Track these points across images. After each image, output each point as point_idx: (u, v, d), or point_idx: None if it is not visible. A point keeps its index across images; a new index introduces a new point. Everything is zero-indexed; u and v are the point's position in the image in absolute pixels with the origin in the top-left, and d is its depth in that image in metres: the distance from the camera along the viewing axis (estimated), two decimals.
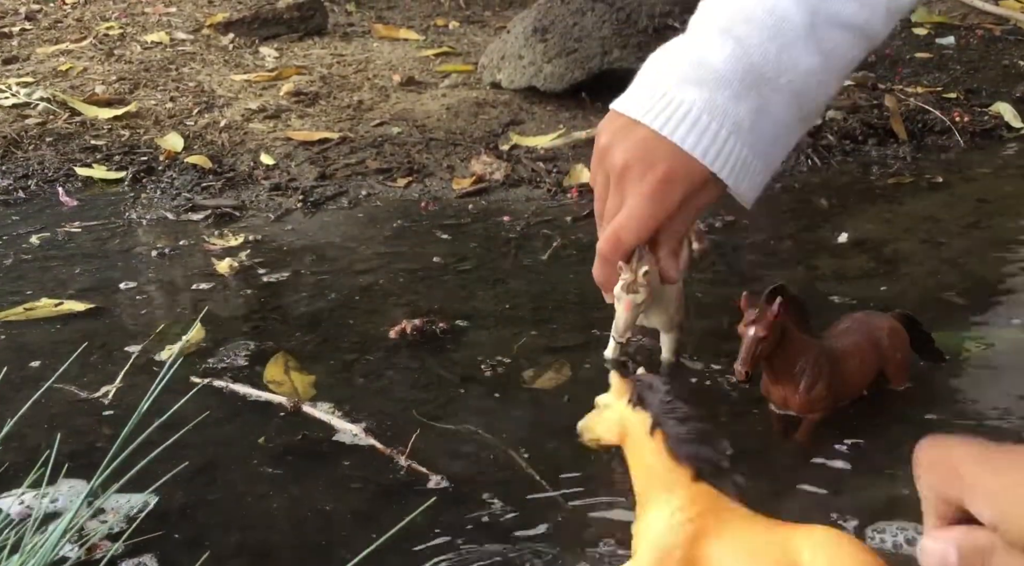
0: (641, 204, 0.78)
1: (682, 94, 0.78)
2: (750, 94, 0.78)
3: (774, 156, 0.82)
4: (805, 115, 0.82)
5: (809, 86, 0.80)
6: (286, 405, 0.86)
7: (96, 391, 0.89)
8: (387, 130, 1.60)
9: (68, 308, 1.05)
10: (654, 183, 0.78)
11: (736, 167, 0.79)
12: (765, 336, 0.77)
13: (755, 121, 0.78)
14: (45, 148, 1.56)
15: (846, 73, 0.84)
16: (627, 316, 0.81)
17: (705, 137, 0.77)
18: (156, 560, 0.68)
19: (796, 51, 0.78)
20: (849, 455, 0.78)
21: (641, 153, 0.79)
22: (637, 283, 0.80)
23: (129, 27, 2.26)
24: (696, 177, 0.78)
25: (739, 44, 0.78)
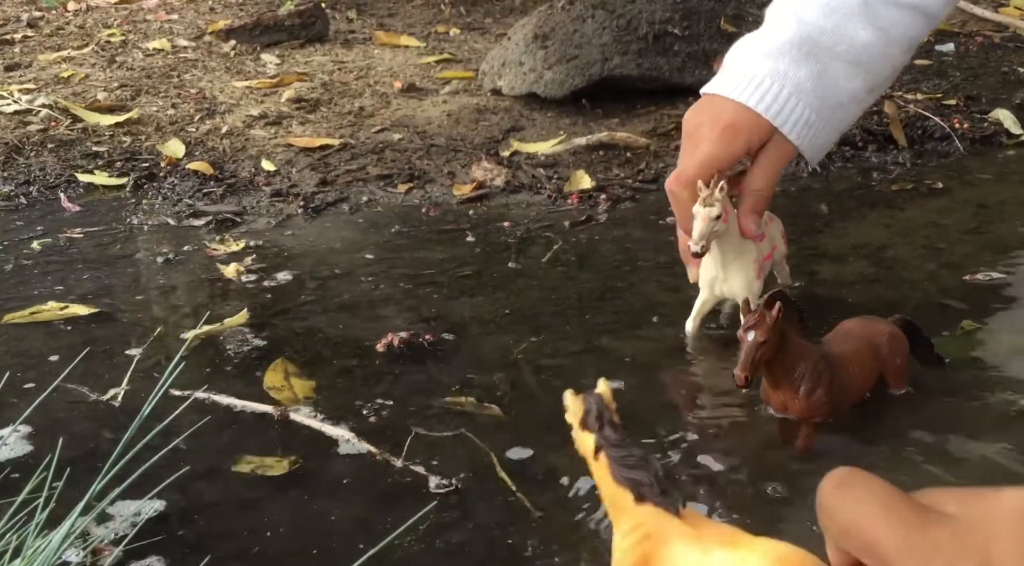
0: (707, 146, 0.88)
1: (750, 66, 0.89)
2: (808, 60, 0.88)
3: (840, 120, 0.92)
4: (871, 87, 0.91)
5: (871, 58, 0.89)
6: (273, 414, 0.85)
7: (102, 394, 0.89)
8: (388, 136, 1.60)
9: (73, 311, 1.05)
10: (719, 129, 0.88)
11: (799, 124, 0.88)
12: (764, 341, 0.77)
13: (816, 84, 0.88)
14: (47, 154, 1.56)
15: (910, 48, 0.93)
16: (703, 226, 0.86)
17: (767, 96, 0.87)
18: (158, 564, 0.68)
19: (851, 25, 0.88)
20: (849, 460, 0.77)
21: (712, 112, 0.89)
22: (713, 197, 0.86)
23: (131, 34, 2.27)
24: (757, 130, 0.88)
25: (799, 21, 0.88)
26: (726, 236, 0.89)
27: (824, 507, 0.34)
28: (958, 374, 0.89)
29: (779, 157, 0.90)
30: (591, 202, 1.34)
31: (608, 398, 0.59)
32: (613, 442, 0.57)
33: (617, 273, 1.12)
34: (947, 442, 0.80)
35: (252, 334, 1.00)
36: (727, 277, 0.92)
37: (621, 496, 0.56)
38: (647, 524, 0.56)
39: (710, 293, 0.95)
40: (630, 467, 0.56)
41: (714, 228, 0.87)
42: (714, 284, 0.93)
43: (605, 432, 0.57)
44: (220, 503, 0.75)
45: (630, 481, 0.56)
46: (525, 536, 0.71)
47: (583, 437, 0.59)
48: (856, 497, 0.33)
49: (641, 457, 0.56)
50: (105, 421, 0.85)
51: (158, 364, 0.94)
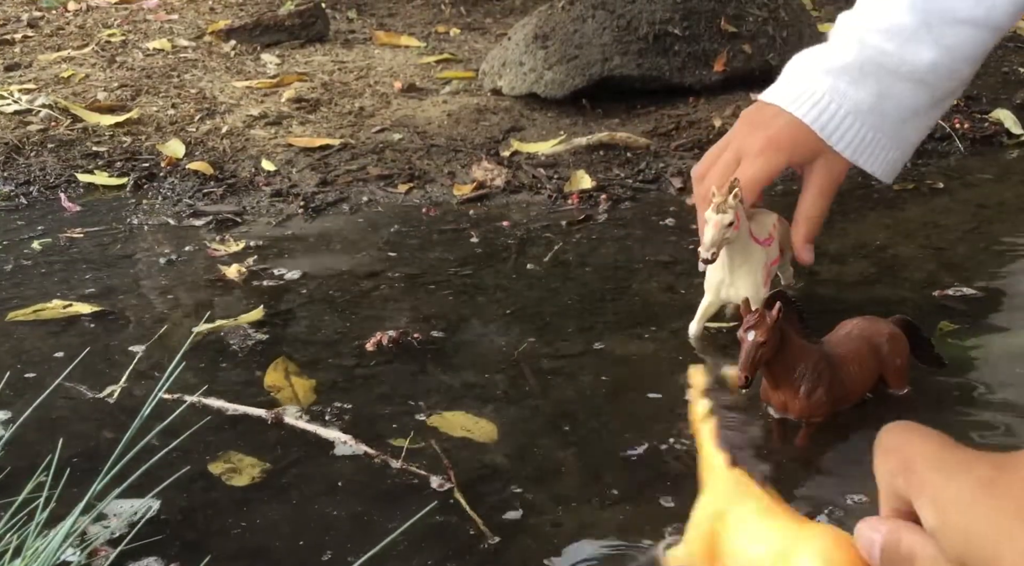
0: (751, 161, 0.89)
1: (811, 82, 0.89)
2: (868, 81, 0.88)
3: (907, 135, 0.92)
4: (938, 99, 0.90)
5: (937, 76, 0.88)
6: (266, 418, 0.85)
7: (99, 392, 0.89)
8: (388, 136, 1.60)
9: (76, 310, 1.05)
10: (762, 141, 0.89)
11: (854, 142, 0.89)
12: (764, 341, 0.77)
13: (876, 103, 0.88)
14: (47, 154, 1.56)
15: (978, 61, 0.91)
16: (714, 232, 0.86)
17: (824, 114, 0.88)
18: (157, 564, 0.68)
19: (913, 47, 0.87)
20: (849, 460, 0.78)
21: (762, 120, 0.91)
22: (726, 204, 0.86)
23: (131, 34, 2.27)
24: (805, 147, 0.89)
25: (861, 44, 0.89)
26: (736, 242, 0.89)
27: (876, 444, 0.38)
28: (958, 374, 0.89)
29: (830, 178, 0.91)
30: (591, 202, 1.34)
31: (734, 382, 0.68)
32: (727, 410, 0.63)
33: (617, 273, 1.12)
34: None
35: (253, 333, 1.00)
36: (733, 281, 0.92)
37: (717, 459, 0.60)
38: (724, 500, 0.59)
39: (715, 296, 0.94)
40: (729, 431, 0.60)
41: (726, 236, 0.87)
42: (720, 288, 0.93)
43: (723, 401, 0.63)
44: (220, 503, 0.75)
45: (729, 444, 0.60)
46: (524, 536, 0.71)
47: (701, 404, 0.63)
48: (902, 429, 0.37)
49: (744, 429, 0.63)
50: (105, 421, 0.85)
51: (158, 364, 0.94)
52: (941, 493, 0.34)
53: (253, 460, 0.80)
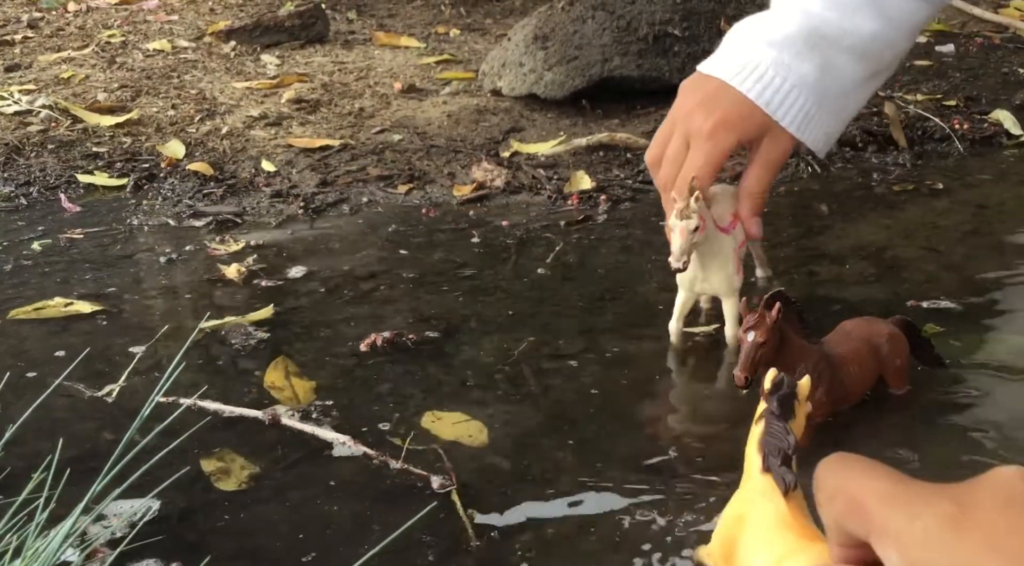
0: (700, 145, 0.87)
1: (754, 54, 0.88)
2: (813, 53, 0.87)
3: (845, 109, 0.91)
4: (875, 72, 0.90)
5: (875, 47, 0.88)
6: (263, 419, 0.85)
7: (97, 391, 0.89)
8: (388, 137, 1.60)
9: (77, 309, 1.05)
10: (713, 125, 0.87)
11: (799, 117, 0.87)
12: (764, 341, 0.77)
13: (820, 77, 0.87)
14: (47, 155, 1.56)
15: (914, 34, 0.92)
16: (682, 241, 0.85)
17: (769, 89, 0.86)
18: (157, 564, 0.68)
19: (857, 17, 0.87)
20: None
21: (707, 100, 0.88)
22: (690, 209, 0.84)
23: (131, 35, 2.27)
24: (752, 124, 0.87)
25: (804, 12, 0.87)
26: (704, 239, 0.88)
27: (816, 483, 0.35)
28: (958, 375, 0.89)
29: (776, 153, 0.89)
30: (591, 202, 1.34)
31: (804, 390, 0.66)
32: (776, 415, 0.63)
33: (617, 273, 1.12)
34: (946, 443, 0.81)
35: (253, 333, 1.00)
36: (707, 276, 0.91)
37: (754, 460, 0.62)
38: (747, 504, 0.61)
39: (690, 292, 0.94)
40: (771, 436, 0.62)
41: (693, 240, 0.86)
42: (694, 283, 0.92)
43: (776, 404, 0.63)
44: (220, 503, 0.75)
45: (763, 447, 0.62)
46: (525, 537, 0.71)
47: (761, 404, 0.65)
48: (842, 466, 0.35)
49: (786, 435, 0.62)
50: (105, 421, 0.85)
51: (158, 364, 0.94)
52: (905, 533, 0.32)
53: (250, 461, 0.80)
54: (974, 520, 0.30)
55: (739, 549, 0.61)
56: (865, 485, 0.34)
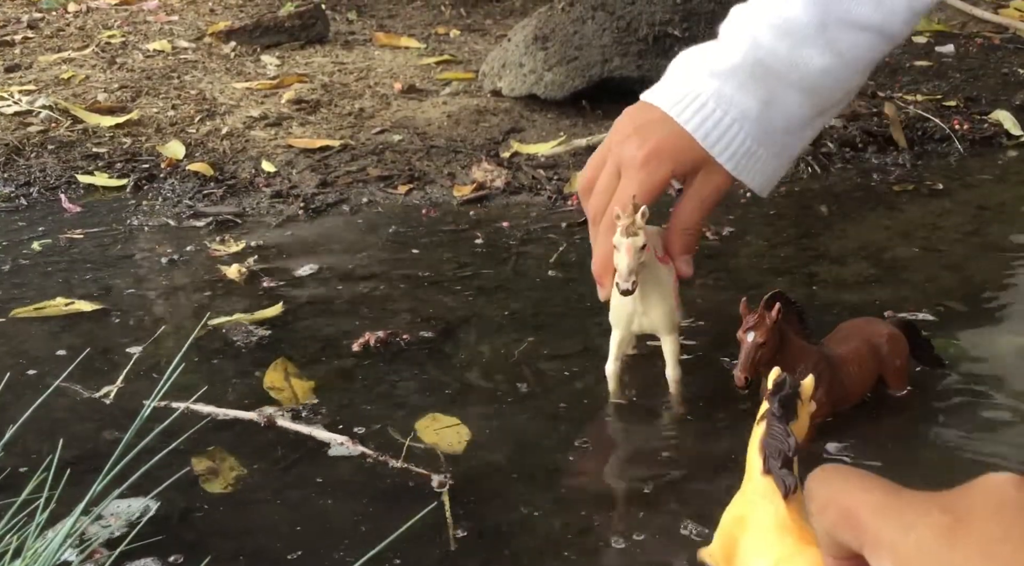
0: (632, 175, 0.82)
1: (696, 84, 0.83)
2: (757, 86, 0.82)
3: (787, 148, 0.86)
4: (822, 110, 0.86)
5: (824, 84, 0.83)
6: (258, 421, 0.84)
7: (95, 392, 0.89)
8: (388, 138, 1.60)
9: (78, 307, 1.06)
10: (645, 154, 0.81)
11: (738, 153, 0.82)
12: (764, 342, 0.77)
13: (763, 112, 0.82)
14: (47, 155, 1.56)
15: (867, 71, 0.87)
16: (628, 259, 0.77)
17: (708, 121, 0.81)
18: (156, 565, 0.68)
19: (807, 51, 0.81)
20: (848, 460, 0.78)
21: (642, 128, 0.83)
22: (635, 225, 0.77)
23: (131, 35, 2.27)
24: (687, 156, 0.82)
25: (752, 43, 0.82)
26: (644, 267, 0.80)
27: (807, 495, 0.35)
28: (957, 375, 0.89)
29: (710, 190, 0.84)
30: None
31: (807, 390, 0.65)
32: (778, 416, 0.62)
33: None
34: (946, 444, 0.81)
35: (252, 334, 1.00)
36: (646, 310, 0.82)
37: (755, 462, 0.62)
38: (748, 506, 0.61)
39: (627, 330, 0.85)
40: (772, 438, 0.62)
41: (640, 259, 0.78)
42: (633, 319, 0.83)
43: (778, 405, 0.63)
44: (219, 504, 0.75)
45: (764, 449, 0.62)
46: (525, 536, 0.71)
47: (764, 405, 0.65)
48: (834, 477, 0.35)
49: (787, 436, 0.62)
50: (105, 422, 0.85)
51: (158, 364, 0.94)
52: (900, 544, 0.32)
53: (249, 461, 0.80)
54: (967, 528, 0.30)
55: (739, 550, 0.61)
56: (857, 497, 0.34)
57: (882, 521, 0.33)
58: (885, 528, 0.32)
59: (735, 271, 1.11)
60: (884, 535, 0.32)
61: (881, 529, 0.32)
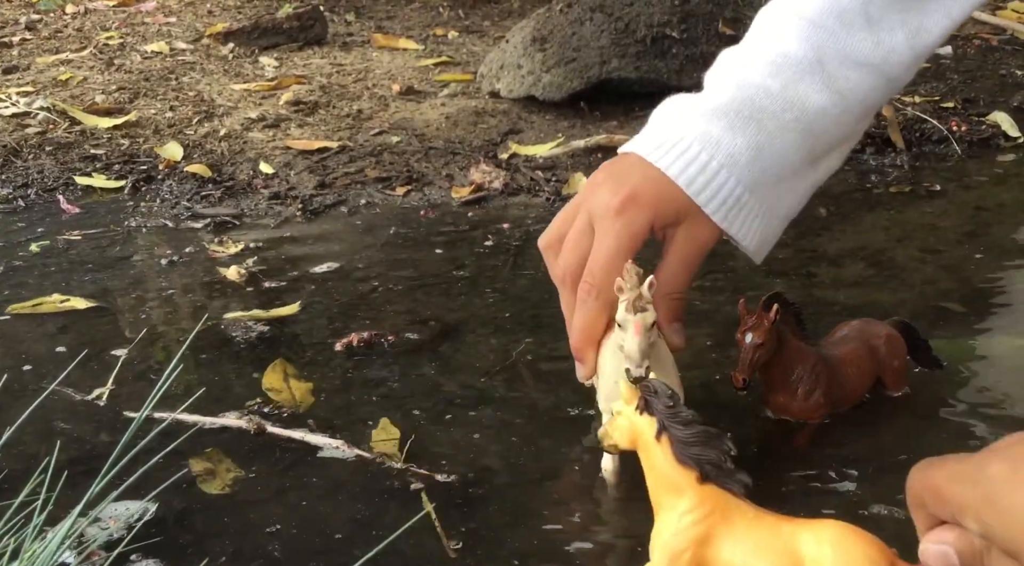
0: (607, 227, 0.72)
1: (678, 127, 0.75)
2: (748, 126, 0.74)
3: (780, 200, 0.77)
4: (816, 158, 0.78)
5: (823, 126, 0.76)
6: (248, 428, 0.82)
7: (87, 395, 0.89)
8: (386, 139, 1.60)
9: (73, 305, 1.06)
10: (621, 201, 0.72)
11: (727, 202, 0.73)
12: (762, 343, 0.77)
13: (754, 157, 0.74)
14: (45, 157, 1.56)
15: (866, 116, 0.80)
16: (640, 340, 0.66)
17: (693, 166, 0.73)
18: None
19: (803, 87, 0.75)
20: (847, 461, 0.78)
21: (616, 175, 0.75)
22: (643, 299, 0.66)
23: (129, 37, 2.27)
24: (669, 205, 0.73)
25: (741, 81, 0.75)
26: None
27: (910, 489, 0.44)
28: (956, 376, 0.89)
29: (695, 247, 0.75)
30: None
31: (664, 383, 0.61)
32: (681, 420, 0.58)
33: None
34: (945, 444, 0.81)
35: (250, 335, 1.00)
36: None
37: (682, 476, 0.58)
38: (708, 502, 0.57)
39: None
40: (697, 444, 0.58)
41: (651, 339, 0.67)
42: None
43: (672, 412, 0.58)
44: (217, 505, 0.75)
45: (696, 459, 0.57)
46: (523, 538, 0.71)
47: (638, 421, 0.60)
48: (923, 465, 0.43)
49: (714, 435, 0.58)
50: (103, 423, 0.85)
51: (156, 365, 0.94)
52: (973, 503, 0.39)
53: (247, 463, 0.80)
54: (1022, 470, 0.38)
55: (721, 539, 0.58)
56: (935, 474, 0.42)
57: (958, 487, 0.40)
58: (961, 493, 0.40)
59: (733, 272, 1.11)
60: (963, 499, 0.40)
61: (958, 495, 0.40)
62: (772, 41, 0.76)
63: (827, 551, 0.54)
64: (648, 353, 0.66)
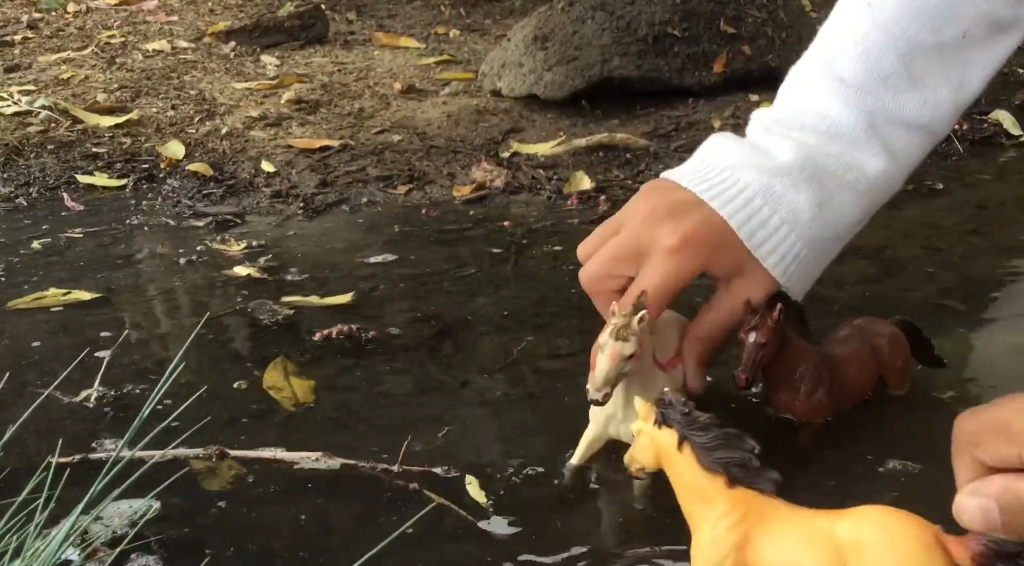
0: (658, 262, 0.71)
1: (737, 172, 0.73)
2: (811, 185, 0.74)
3: (830, 253, 0.79)
4: (870, 213, 0.79)
5: (880, 186, 0.77)
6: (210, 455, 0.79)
7: (93, 392, 0.89)
8: (388, 138, 1.60)
9: (75, 297, 1.06)
10: (680, 240, 0.71)
11: (787, 258, 0.74)
12: (765, 342, 0.77)
13: (816, 214, 0.74)
14: (47, 156, 1.56)
15: (913, 168, 0.81)
16: (609, 367, 0.66)
17: (755, 218, 0.72)
18: (156, 565, 0.68)
19: (860, 153, 0.75)
20: (850, 460, 0.78)
21: (676, 209, 0.72)
22: (629, 330, 0.67)
23: (131, 35, 2.27)
24: (726, 255, 0.72)
25: (800, 143, 0.75)
26: (634, 373, 0.70)
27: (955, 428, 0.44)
28: (958, 375, 0.89)
29: (744, 298, 0.74)
30: (591, 203, 1.34)
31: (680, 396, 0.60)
32: (700, 426, 0.57)
33: None
34: (947, 443, 0.80)
35: (251, 334, 1.00)
36: (627, 417, 0.71)
37: (711, 483, 0.57)
38: (741, 505, 0.56)
39: (603, 430, 0.74)
40: (721, 448, 0.57)
41: (623, 369, 0.68)
42: (609, 423, 0.73)
43: (689, 419, 0.58)
44: (219, 504, 0.75)
45: (722, 462, 0.56)
46: (523, 538, 0.71)
47: (659, 436, 0.59)
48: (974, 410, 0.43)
49: (735, 436, 0.57)
50: (104, 421, 0.85)
51: (157, 364, 0.94)
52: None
53: (248, 461, 0.80)
54: None
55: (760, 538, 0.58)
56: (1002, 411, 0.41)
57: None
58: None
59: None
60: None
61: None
62: (821, 109, 0.76)
63: (866, 533, 0.53)
64: (613, 381, 0.68)
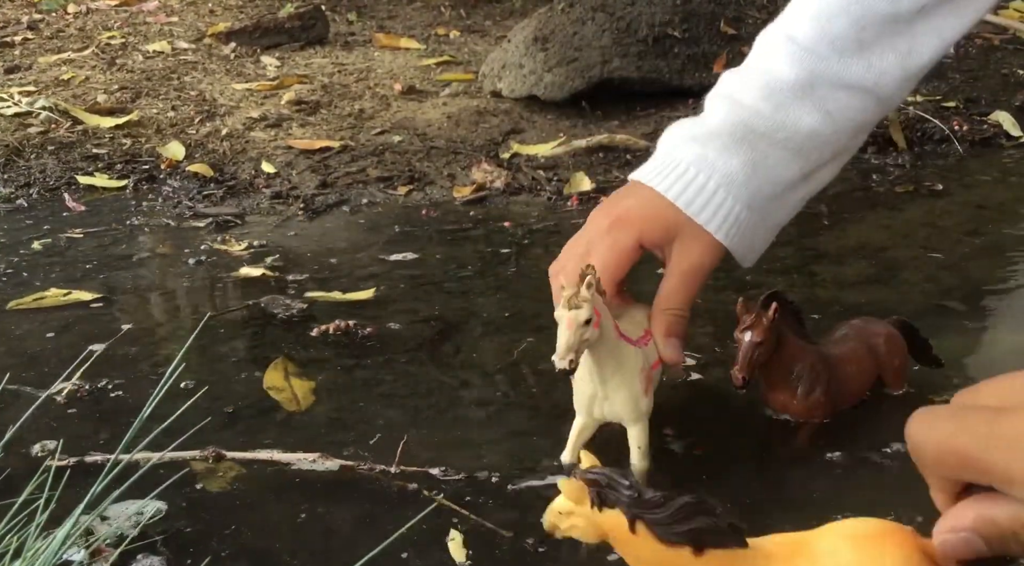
0: (596, 246, 0.77)
1: (675, 152, 0.79)
2: (741, 147, 0.77)
3: (776, 214, 0.81)
4: (809, 173, 0.81)
5: (814, 145, 0.79)
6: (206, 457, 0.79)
7: (97, 392, 0.89)
8: (388, 138, 1.60)
9: (76, 298, 1.06)
10: (610, 222, 0.77)
11: (727, 220, 0.77)
12: (761, 342, 0.77)
13: (750, 175, 0.77)
14: (47, 156, 1.56)
15: (860, 134, 0.83)
16: (568, 334, 0.68)
17: (690, 188, 0.76)
18: (159, 564, 0.68)
19: (794, 110, 0.77)
20: (848, 461, 0.78)
21: (613, 199, 0.80)
22: (580, 297, 0.68)
23: (131, 36, 2.27)
24: (656, 224, 0.77)
25: (734, 104, 0.79)
26: (601, 344, 0.71)
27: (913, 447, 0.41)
28: (956, 375, 0.89)
29: (690, 262, 0.78)
30: (591, 204, 1.34)
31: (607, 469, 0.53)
32: (652, 504, 0.52)
33: None
34: None
35: (251, 334, 1.00)
36: (608, 394, 0.74)
37: (677, 555, 0.52)
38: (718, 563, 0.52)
39: (589, 416, 0.76)
40: (683, 520, 0.52)
41: (584, 336, 0.68)
42: (593, 405, 0.75)
43: (638, 500, 0.52)
44: (220, 504, 0.75)
45: (687, 534, 0.52)
46: (524, 538, 0.71)
47: (602, 519, 0.53)
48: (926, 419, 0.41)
49: (692, 504, 0.52)
50: (104, 421, 0.86)
51: (157, 364, 0.94)
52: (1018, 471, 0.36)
53: (247, 461, 0.80)
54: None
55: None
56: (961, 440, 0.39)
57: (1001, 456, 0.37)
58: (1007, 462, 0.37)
59: (734, 271, 1.11)
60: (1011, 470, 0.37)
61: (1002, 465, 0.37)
62: (766, 65, 0.80)
63: (845, 543, 0.52)
64: (576, 347, 0.68)
